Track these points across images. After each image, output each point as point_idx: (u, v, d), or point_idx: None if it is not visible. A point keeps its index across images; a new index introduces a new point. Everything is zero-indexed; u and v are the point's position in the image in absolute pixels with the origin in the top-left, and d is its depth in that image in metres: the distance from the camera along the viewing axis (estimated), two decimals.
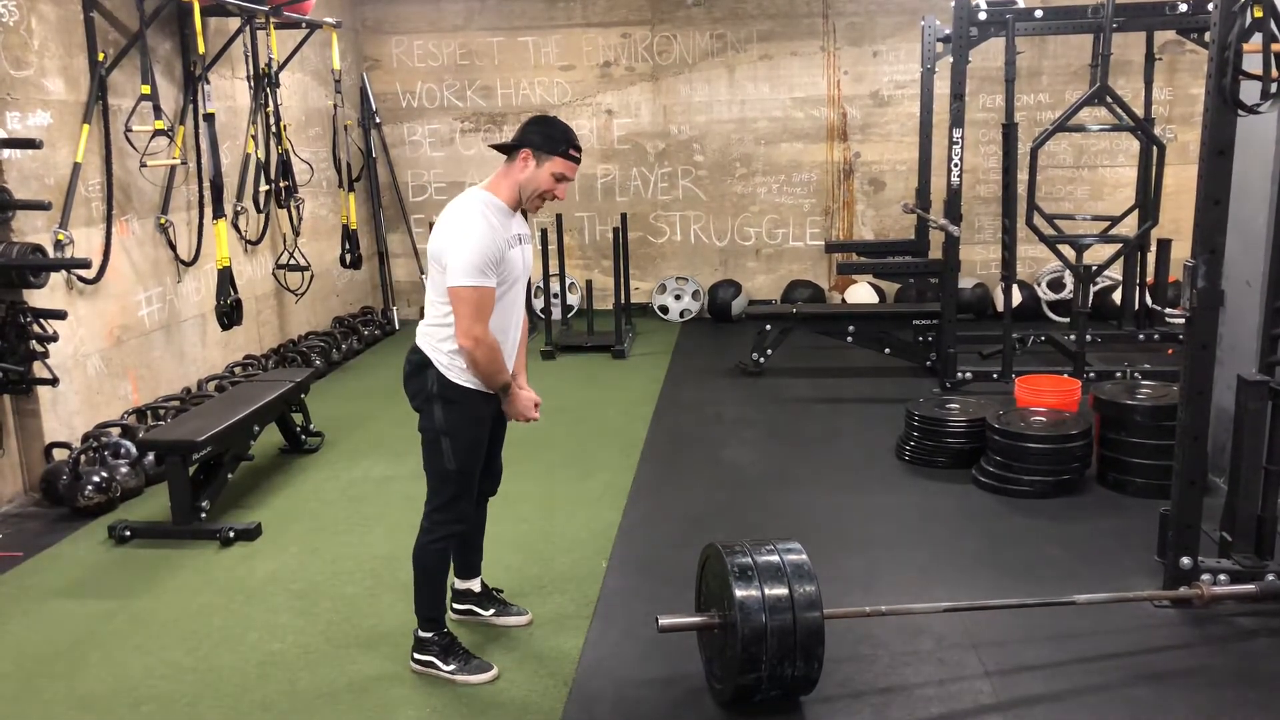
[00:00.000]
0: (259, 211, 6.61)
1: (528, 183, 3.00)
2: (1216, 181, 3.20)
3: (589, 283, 7.95)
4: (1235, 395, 3.47)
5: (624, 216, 8.05)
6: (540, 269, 7.78)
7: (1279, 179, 3.98)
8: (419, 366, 3.07)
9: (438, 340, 3.02)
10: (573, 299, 8.60)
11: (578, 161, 3.05)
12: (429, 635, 3.19)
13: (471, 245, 2.89)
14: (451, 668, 3.16)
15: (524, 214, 3.14)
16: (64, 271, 4.90)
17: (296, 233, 7.05)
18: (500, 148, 3.08)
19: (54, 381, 4.74)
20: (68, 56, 5.06)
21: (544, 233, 7.72)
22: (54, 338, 4.68)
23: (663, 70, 8.64)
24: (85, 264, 4.85)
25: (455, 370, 3.02)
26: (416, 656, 3.21)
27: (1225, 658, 3.18)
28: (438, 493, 3.12)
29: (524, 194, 3.02)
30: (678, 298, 8.85)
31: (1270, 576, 3.38)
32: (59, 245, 4.85)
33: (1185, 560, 3.42)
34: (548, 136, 2.99)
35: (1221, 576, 3.41)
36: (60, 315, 4.72)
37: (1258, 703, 2.94)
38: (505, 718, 2.97)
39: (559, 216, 7.94)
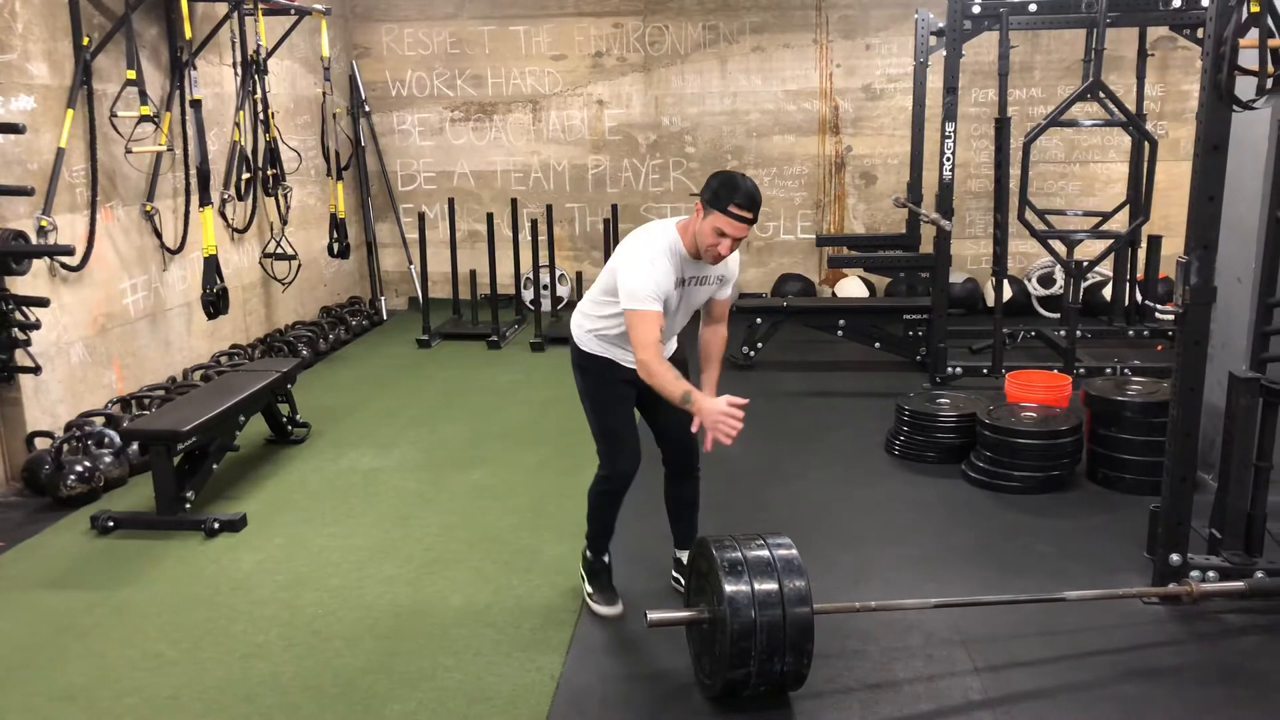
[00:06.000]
0: (240, 199, 6.55)
1: (698, 233, 3.12)
2: (1211, 177, 3.19)
3: (579, 274, 7.91)
4: (1226, 392, 3.47)
5: (615, 208, 8.01)
6: (529, 260, 7.74)
7: (1271, 175, 3.96)
8: (571, 342, 3.44)
9: (581, 318, 3.40)
10: (563, 290, 8.57)
11: (741, 220, 3.03)
12: (589, 556, 3.57)
13: (639, 277, 3.08)
14: (589, 590, 3.55)
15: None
16: (47, 258, 4.84)
17: (284, 221, 7.00)
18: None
19: (36, 370, 4.68)
20: (52, 40, 4.99)
21: (534, 224, 7.68)
22: (36, 325, 4.63)
23: (654, 61, 8.60)
24: (69, 251, 4.79)
25: (587, 340, 3.37)
26: (581, 570, 3.62)
27: (1214, 655, 3.18)
28: (599, 448, 3.44)
29: (698, 243, 3.14)
30: None
31: (1259, 574, 3.38)
32: (42, 231, 4.79)
33: (1175, 557, 3.42)
34: (715, 191, 3.05)
35: (1210, 574, 3.41)
36: (43, 303, 4.67)
37: (1246, 700, 2.93)
38: (493, 712, 2.95)
39: (549, 207, 7.89)
